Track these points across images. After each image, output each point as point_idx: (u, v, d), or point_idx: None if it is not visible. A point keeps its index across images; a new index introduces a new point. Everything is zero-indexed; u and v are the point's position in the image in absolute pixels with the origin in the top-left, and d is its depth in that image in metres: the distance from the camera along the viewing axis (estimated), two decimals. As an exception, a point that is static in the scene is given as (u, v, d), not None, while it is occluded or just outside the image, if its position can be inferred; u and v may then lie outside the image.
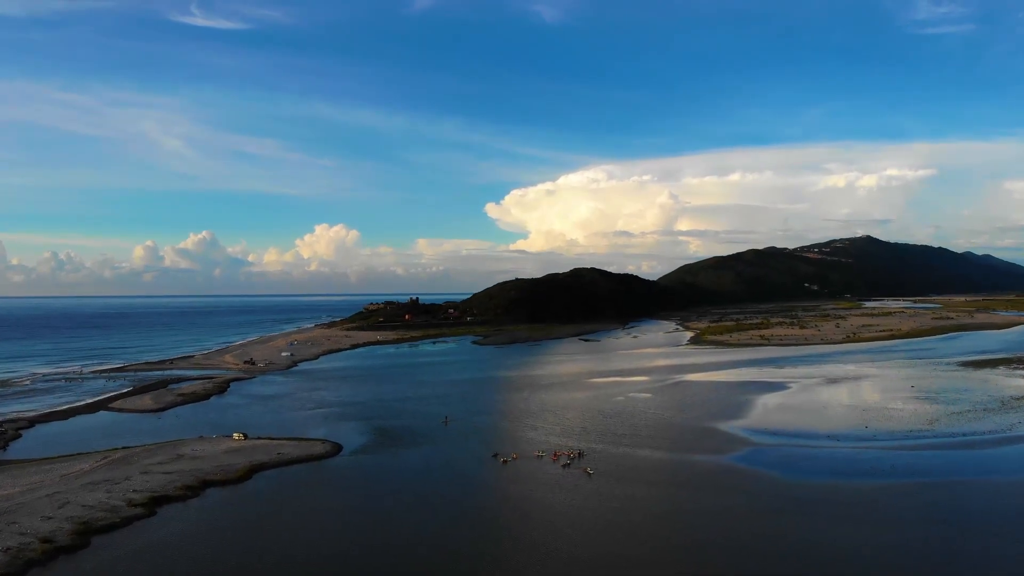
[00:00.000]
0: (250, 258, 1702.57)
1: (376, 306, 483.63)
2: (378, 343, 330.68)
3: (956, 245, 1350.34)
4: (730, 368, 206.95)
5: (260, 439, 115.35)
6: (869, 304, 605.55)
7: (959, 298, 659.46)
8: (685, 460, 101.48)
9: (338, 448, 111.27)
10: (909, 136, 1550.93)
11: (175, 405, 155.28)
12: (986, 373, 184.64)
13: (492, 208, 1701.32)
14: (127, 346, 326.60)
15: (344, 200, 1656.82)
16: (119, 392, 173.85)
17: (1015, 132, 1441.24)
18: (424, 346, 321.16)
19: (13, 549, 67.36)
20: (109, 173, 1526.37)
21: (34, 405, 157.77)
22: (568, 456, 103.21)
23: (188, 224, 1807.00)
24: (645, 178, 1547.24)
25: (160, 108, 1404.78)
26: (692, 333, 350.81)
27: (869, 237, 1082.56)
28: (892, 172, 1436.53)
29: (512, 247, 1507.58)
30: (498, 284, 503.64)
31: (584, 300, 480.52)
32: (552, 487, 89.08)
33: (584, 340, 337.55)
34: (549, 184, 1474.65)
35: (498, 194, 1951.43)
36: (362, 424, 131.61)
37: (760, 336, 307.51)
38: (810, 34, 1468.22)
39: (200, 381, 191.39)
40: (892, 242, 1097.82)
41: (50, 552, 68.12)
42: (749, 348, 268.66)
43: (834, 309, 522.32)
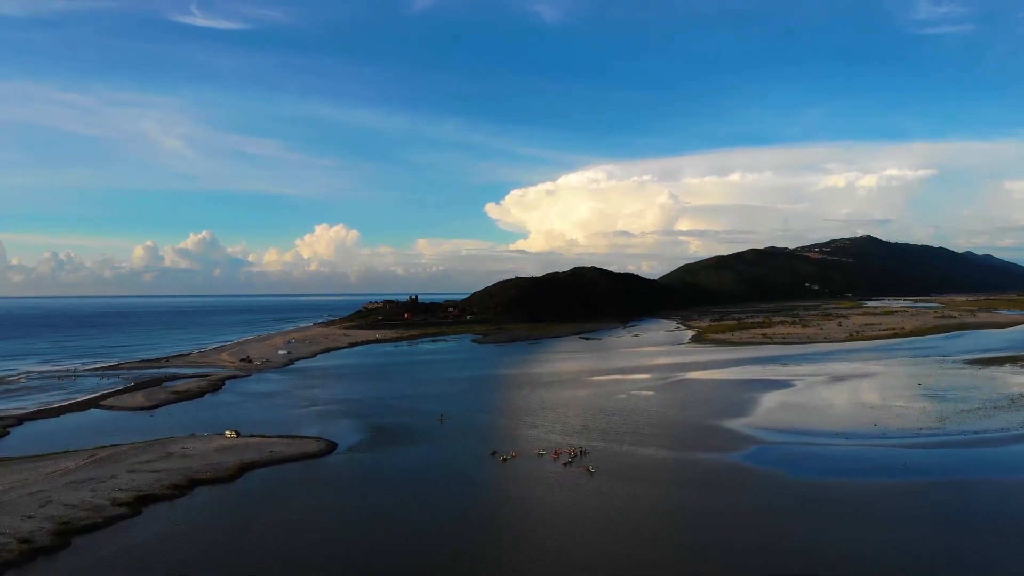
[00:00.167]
0: (250, 258, 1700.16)
1: (375, 305, 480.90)
2: (376, 341, 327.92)
3: (956, 245, 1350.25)
4: (733, 366, 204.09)
5: (253, 437, 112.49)
6: (870, 303, 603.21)
7: (960, 298, 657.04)
8: (689, 458, 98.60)
9: (333, 446, 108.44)
10: (909, 136, 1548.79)
11: (168, 403, 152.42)
12: (993, 371, 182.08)
13: (492, 208, 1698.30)
14: (124, 345, 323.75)
15: (344, 200, 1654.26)
16: (111, 390, 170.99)
17: (1015, 132, 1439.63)
18: (423, 344, 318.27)
19: (-10, 549, 64.61)
20: (109, 173, 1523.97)
21: (25, 403, 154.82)
22: (569, 454, 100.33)
23: (188, 224, 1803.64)
24: (645, 178, 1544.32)
25: (160, 108, 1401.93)
26: (693, 332, 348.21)
27: (870, 237, 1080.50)
28: (892, 172, 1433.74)
29: (512, 247, 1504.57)
30: (498, 283, 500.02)
31: (584, 299, 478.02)
32: (553, 486, 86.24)
33: (585, 338, 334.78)
34: (549, 184, 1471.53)
35: (498, 194, 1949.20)
36: (358, 422, 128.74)
37: (762, 334, 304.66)
38: (810, 34, 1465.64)
39: (195, 379, 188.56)
40: (892, 242, 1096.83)
41: (28, 553, 65.17)
42: (751, 346, 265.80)
43: (835, 308, 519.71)
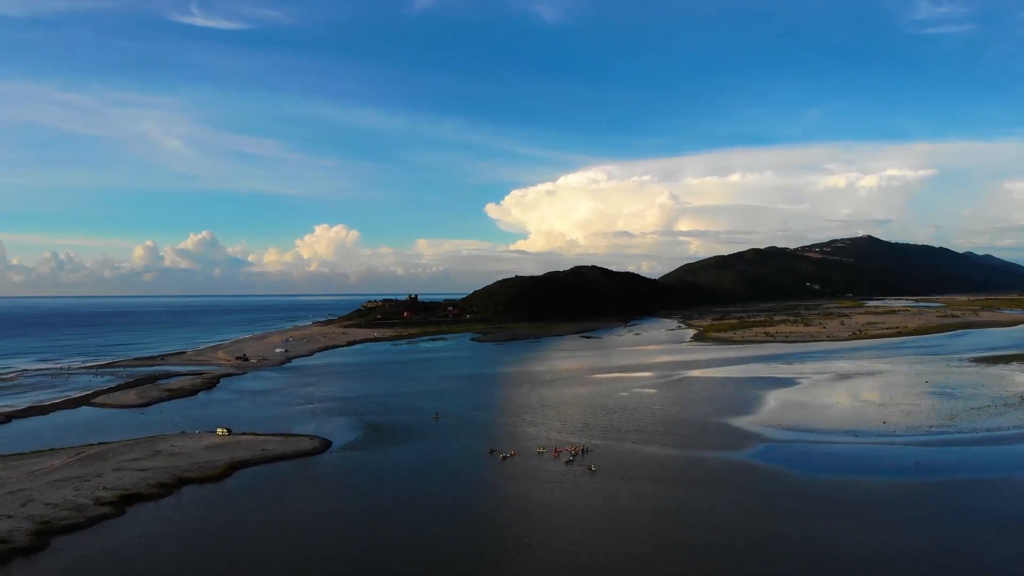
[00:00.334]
0: (250, 258, 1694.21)
1: (374, 303, 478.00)
2: (375, 340, 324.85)
3: (956, 245, 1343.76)
4: (736, 364, 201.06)
5: (245, 435, 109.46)
6: (871, 303, 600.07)
7: (961, 297, 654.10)
8: (694, 457, 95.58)
9: (327, 444, 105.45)
10: (909, 136, 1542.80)
11: (160, 400, 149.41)
12: (1000, 369, 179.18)
13: (492, 208, 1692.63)
14: (121, 343, 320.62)
15: (344, 200, 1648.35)
16: (104, 387, 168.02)
17: (1015, 132, 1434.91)
18: (422, 343, 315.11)
19: (-36, 550, 61.62)
20: (109, 173, 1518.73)
21: (16, 401, 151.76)
22: (570, 452, 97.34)
23: (188, 224, 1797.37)
24: (645, 178, 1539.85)
25: (160, 108, 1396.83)
26: (695, 330, 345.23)
27: (870, 237, 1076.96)
28: (892, 172, 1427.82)
29: (512, 247, 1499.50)
30: (498, 282, 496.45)
31: (585, 298, 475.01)
32: (553, 485, 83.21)
33: (585, 337, 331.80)
34: (549, 184, 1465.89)
35: (498, 194, 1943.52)
36: (353, 420, 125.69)
37: (765, 333, 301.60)
38: (810, 34, 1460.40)
39: (189, 377, 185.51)
40: (893, 242, 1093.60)
41: (5, 553, 62.38)
42: (754, 345, 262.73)
43: (837, 308, 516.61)
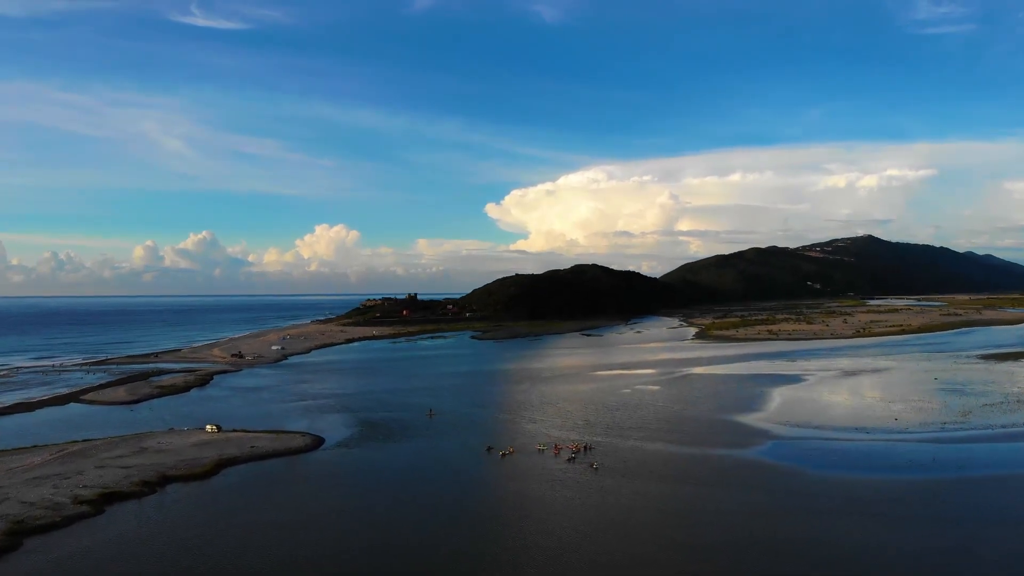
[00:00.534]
0: (250, 258, 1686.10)
1: (373, 302, 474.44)
2: (373, 338, 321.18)
3: (957, 245, 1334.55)
4: (740, 361, 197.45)
5: (234, 432, 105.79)
6: (873, 302, 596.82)
7: (962, 296, 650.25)
8: (700, 454, 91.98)
9: (319, 441, 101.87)
10: (909, 136, 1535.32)
11: (151, 397, 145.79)
12: (1009, 366, 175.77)
13: (492, 208, 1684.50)
14: (118, 342, 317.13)
15: (344, 200, 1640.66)
16: (94, 384, 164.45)
17: (1015, 132, 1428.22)
18: (421, 341, 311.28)
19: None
20: (109, 173, 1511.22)
21: (3, 398, 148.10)
22: (572, 450, 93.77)
23: (188, 224, 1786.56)
24: (645, 178, 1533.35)
25: (160, 108, 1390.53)
26: (697, 329, 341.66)
27: (871, 236, 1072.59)
28: (892, 172, 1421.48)
29: (512, 247, 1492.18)
30: (498, 280, 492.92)
31: (585, 296, 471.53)
32: (554, 483, 79.62)
33: (586, 335, 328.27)
34: (549, 184, 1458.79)
35: (498, 194, 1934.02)
36: (348, 417, 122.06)
37: (767, 331, 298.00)
38: (810, 34, 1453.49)
39: (182, 374, 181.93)
40: (894, 242, 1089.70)
41: (-26, 555, 58.80)
42: (757, 342, 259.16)
43: (838, 306, 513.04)
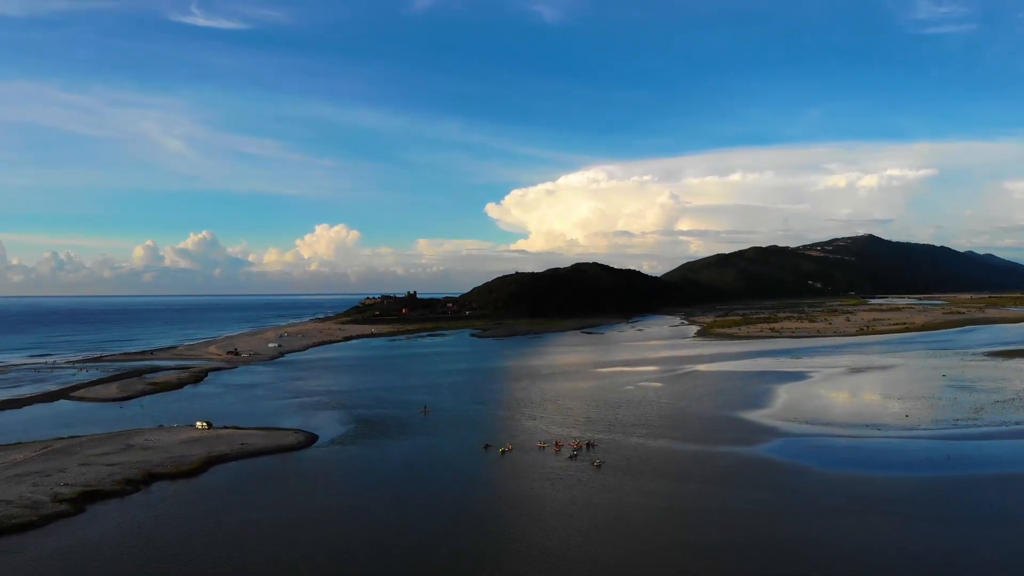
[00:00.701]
0: (250, 258, 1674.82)
1: (372, 300, 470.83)
2: (372, 336, 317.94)
3: (957, 245, 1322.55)
4: (744, 359, 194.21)
5: (225, 428, 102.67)
6: (874, 301, 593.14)
7: (963, 296, 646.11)
8: (707, 452, 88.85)
9: (312, 438, 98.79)
10: (910, 136, 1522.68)
11: (143, 394, 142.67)
12: (1017, 363, 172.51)
13: (492, 208, 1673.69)
14: (115, 339, 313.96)
15: (344, 200, 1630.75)
16: (86, 381, 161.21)
17: (1015, 132, 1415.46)
18: (420, 339, 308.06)
19: None
20: (109, 173, 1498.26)
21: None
22: (573, 447, 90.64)
23: (188, 224, 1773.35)
24: (645, 178, 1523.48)
25: (160, 108, 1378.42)
26: (699, 327, 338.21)
27: (871, 236, 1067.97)
28: (893, 172, 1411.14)
29: (512, 247, 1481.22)
30: (498, 278, 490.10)
31: (586, 294, 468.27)
32: (554, 481, 76.48)
33: (587, 333, 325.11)
34: (549, 184, 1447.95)
35: (498, 194, 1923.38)
36: (343, 413, 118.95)
37: (770, 329, 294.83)
38: (810, 34, 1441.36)
39: (176, 371, 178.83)
40: (895, 241, 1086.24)
41: (-57, 557, 55.63)
42: (760, 340, 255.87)
43: (840, 305, 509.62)
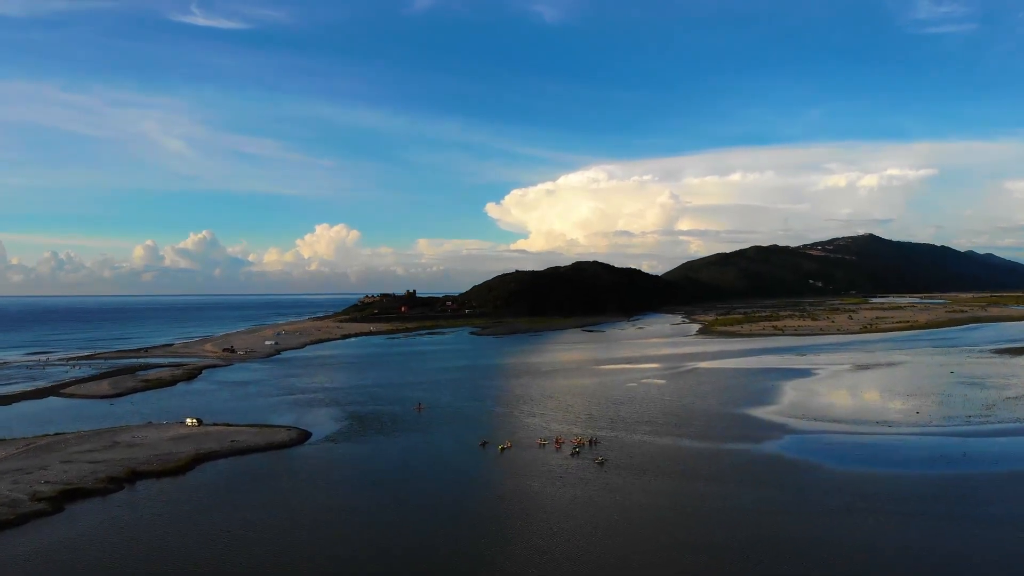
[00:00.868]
0: (250, 258, 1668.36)
1: (372, 298, 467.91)
2: (371, 334, 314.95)
3: (957, 245, 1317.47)
4: (747, 356, 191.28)
5: (215, 425, 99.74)
6: (875, 300, 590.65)
7: (965, 295, 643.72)
8: (714, 449, 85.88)
9: (306, 435, 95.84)
10: (910, 136, 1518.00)
11: (134, 391, 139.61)
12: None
13: (492, 208, 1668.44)
14: (113, 337, 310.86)
15: (344, 200, 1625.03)
16: (77, 378, 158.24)
17: (1016, 132, 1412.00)
18: (419, 337, 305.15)
19: None
20: (109, 173, 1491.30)
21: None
22: (575, 444, 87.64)
23: (188, 224, 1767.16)
24: (646, 178, 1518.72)
25: (160, 108, 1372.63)
26: (700, 325, 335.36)
27: (872, 235, 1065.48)
28: (893, 172, 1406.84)
29: (512, 247, 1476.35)
30: (498, 276, 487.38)
31: (586, 293, 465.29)
32: (555, 479, 73.51)
33: (587, 331, 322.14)
34: (549, 184, 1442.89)
35: (498, 194, 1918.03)
36: (337, 410, 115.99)
37: (772, 327, 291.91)
38: (810, 34, 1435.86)
39: (169, 368, 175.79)
40: (895, 240, 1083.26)
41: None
42: (763, 338, 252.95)
43: (841, 304, 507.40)
